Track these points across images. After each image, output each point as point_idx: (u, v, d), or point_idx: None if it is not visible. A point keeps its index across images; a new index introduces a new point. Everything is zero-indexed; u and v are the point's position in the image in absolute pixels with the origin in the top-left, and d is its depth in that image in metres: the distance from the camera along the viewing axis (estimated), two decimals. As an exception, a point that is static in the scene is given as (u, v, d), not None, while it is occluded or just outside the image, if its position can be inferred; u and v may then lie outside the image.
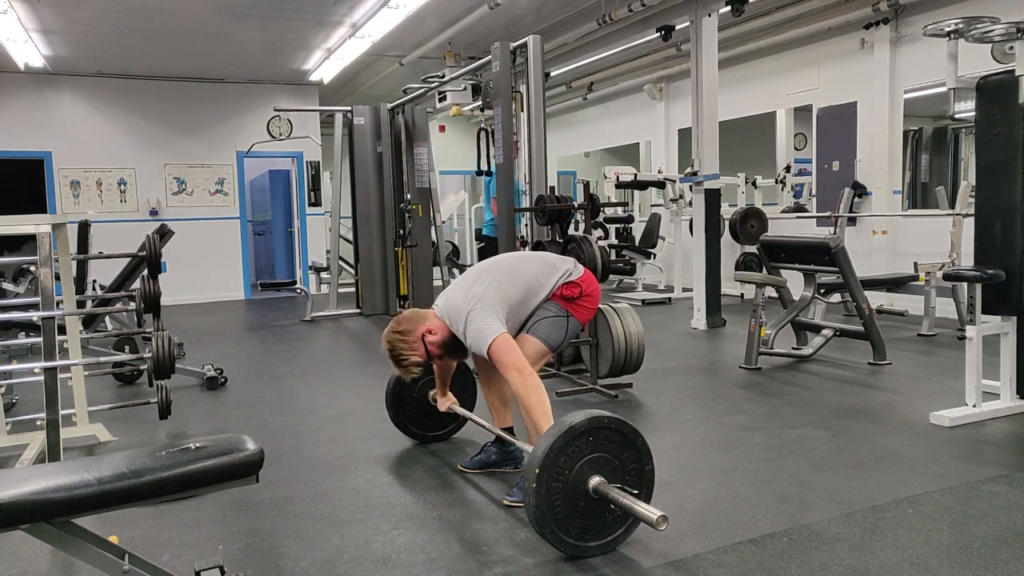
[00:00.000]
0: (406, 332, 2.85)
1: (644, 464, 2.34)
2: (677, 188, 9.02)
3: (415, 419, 3.52)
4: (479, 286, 2.84)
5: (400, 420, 3.52)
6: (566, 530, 2.23)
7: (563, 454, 2.19)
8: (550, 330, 2.89)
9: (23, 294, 6.38)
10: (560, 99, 11.99)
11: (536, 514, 2.19)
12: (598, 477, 2.24)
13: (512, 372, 2.58)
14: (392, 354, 2.86)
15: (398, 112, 8.34)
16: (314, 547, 2.47)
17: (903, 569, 2.19)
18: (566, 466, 2.21)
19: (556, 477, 2.20)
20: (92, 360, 3.96)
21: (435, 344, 2.86)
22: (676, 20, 6.95)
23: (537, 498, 2.17)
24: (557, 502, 2.20)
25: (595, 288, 3.01)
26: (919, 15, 6.83)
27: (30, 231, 2.98)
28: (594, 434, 2.24)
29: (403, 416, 3.51)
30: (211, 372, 4.93)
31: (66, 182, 9.71)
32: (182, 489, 1.63)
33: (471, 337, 2.74)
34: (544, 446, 2.19)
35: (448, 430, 3.60)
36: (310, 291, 8.87)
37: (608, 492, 2.20)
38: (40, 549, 2.44)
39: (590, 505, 2.25)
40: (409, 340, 2.85)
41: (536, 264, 3.02)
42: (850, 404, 4.03)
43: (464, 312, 2.76)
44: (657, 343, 5.66)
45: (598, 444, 2.25)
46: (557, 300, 2.92)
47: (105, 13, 7.09)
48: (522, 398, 2.56)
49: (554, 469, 2.18)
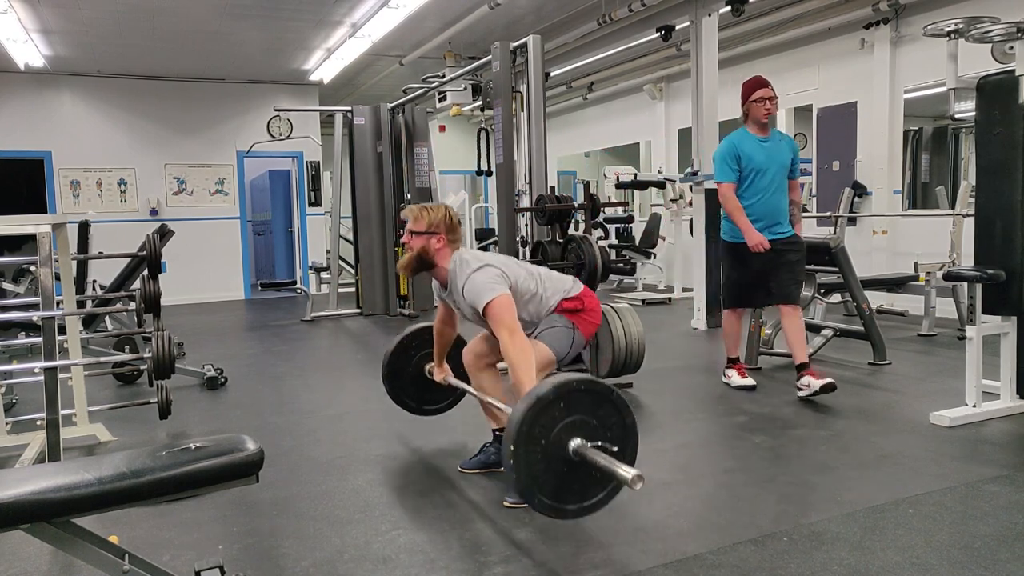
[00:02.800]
0: (433, 221, 2.87)
1: (624, 418, 2.29)
2: (677, 188, 9.02)
3: (411, 392, 3.50)
4: (495, 259, 2.88)
5: (395, 392, 3.49)
6: (557, 496, 2.21)
7: (536, 424, 2.16)
8: (557, 339, 2.91)
9: (23, 294, 6.38)
10: (560, 99, 11.99)
11: (522, 486, 2.18)
12: (578, 440, 2.20)
13: (504, 331, 2.62)
14: (411, 214, 2.90)
15: (398, 112, 8.34)
16: (314, 547, 2.47)
17: (903, 569, 2.19)
18: (542, 435, 2.17)
19: (534, 448, 2.16)
20: (92, 360, 3.96)
21: (424, 249, 2.86)
22: (676, 20, 6.95)
23: (518, 471, 2.15)
24: (539, 471, 2.17)
25: (596, 303, 3.04)
26: (919, 15, 6.83)
27: (30, 231, 2.98)
28: (565, 399, 2.20)
29: (398, 388, 3.48)
30: (211, 372, 4.93)
31: (66, 182, 9.71)
32: (182, 489, 1.63)
33: (470, 292, 2.73)
34: (516, 420, 2.16)
35: (443, 405, 3.59)
36: (310, 291, 8.87)
37: (586, 454, 2.17)
38: (40, 549, 2.44)
39: (574, 469, 2.22)
40: (429, 221, 2.86)
41: (542, 272, 3.05)
42: (850, 404, 4.03)
43: (472, 268, 2.77)
44: (657, 343, 5.66)
45: (571, 408, 2.21)
46: (561, 313, 2.94)
47: (105, 13, 7.09)
48: (510, 356, 2.59)
49: (529, 441, 2.15)
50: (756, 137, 4.27)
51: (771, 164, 4.22)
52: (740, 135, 4.32)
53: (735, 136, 4.34)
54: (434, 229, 2.87)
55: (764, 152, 4.23)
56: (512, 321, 2.65)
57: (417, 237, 2.89)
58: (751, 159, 4.21)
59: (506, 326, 2.63)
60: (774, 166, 4.23)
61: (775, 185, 4.23)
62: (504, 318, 2.65)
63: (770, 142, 4.28)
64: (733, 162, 4.24)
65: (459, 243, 2.96)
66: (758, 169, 4.21)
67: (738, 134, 4.34)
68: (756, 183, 4.22)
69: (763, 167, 4.20)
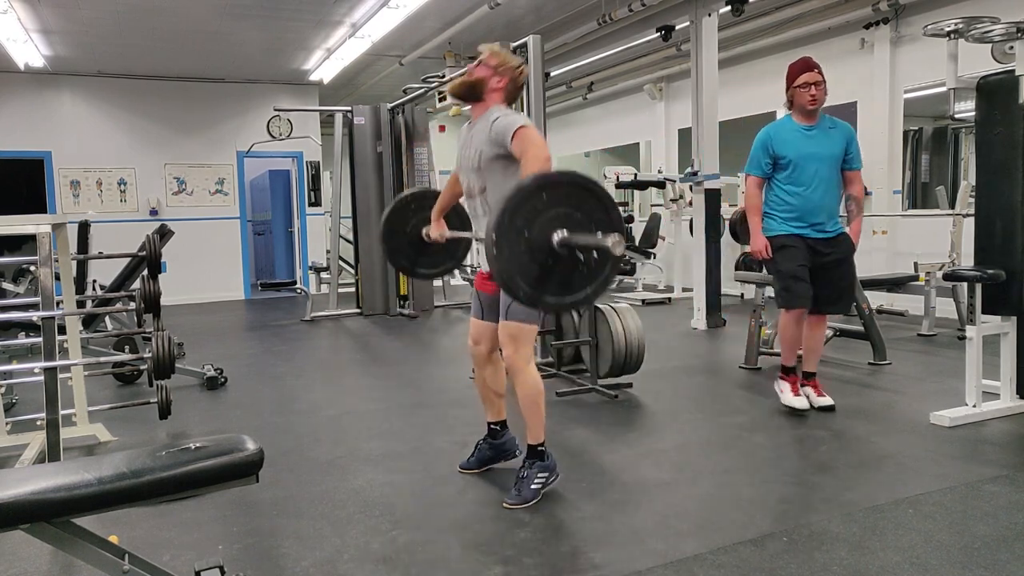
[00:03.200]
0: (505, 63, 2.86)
1: (610, 211, 2.28)
2: (677, 188, 9.02)
3: (407, 252, 3.45)
4: None
5: (392, 251, 3.45)
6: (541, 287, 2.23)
7: (518, 215, 2.16)
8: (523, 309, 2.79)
9: (23, 294, 6.38)
10: (560, 99, 11.99)
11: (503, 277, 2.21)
12: (562, 232, 2.19)
13: (533, 162, 2.55)
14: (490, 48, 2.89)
15: (398, 112, 8.34)
16: (314, 547, 2.47)
17: (903, 569, 2.19)
18: (524, 226, 2.17)
19: (516, 239, 2.17)
20: (92, 360, 3.96)
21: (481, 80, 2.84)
22: (676, 20, 6.95)
23: (499, 262, 2.17)
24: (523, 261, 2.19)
25: None
26: (919, 15, 6.83)
27: (30, 231, 2.98)
28: (547, 191, 2.20)
29: (395, 247, 3.43)
30: (211, 372, 4.93)
31: (66, 182, 9.71)
32: (182, 489, 1.63)
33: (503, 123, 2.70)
34: (497, 211, 2.16)
35: (438, 270, 3.60)
36: (310, 291, 8.87)
37: (571, 240, 2.18)
38: (40, 549, 2.44)
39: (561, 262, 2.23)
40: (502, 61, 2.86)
41: None
42: (850, 404, 4.03)
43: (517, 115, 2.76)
44: (657, 343, 5.66)
45: (554, 200, 2.21)
46: None
47: (105, 13, 7.09)
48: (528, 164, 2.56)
49: (511, 231, 2.16)
50: (799, 126, 3.88)
51: (815, 155, 3.80)
52: (779, 124, 3.98)
53: (774, 125, 4.01)
54: (502, 72, 2.86)
55: (807, 142, 3.83)
56: (542, 151, 2.58)
57: (483, 67, 2.88)
58: (786, 150, 3.83)
59: (537, 158, 2.55)
60: (819, 157, 3.81)
61: (820, 179, 3.81)
62: (535, 139, 2.62)
63: (816, 131, 3.86)
64: (763, 153, 3.91)
65: (513, 103, 2.94)
66: (796, 161, 3.81)
67: (778, 123, 4.01)
68: (796, 176, 3.82)
69: (802, 159, 3.80)
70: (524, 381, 2.79)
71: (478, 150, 2.81)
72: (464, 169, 2.93)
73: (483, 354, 3.05)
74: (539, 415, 2.82)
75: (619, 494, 2.85)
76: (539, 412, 2.82)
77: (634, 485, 2.95)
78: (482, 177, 2.82)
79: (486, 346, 3.02)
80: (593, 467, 3.19)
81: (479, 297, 3.01)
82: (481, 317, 3.01)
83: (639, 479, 3.02)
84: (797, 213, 3.84)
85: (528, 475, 2.80)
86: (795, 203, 3.84)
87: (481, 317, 3.01)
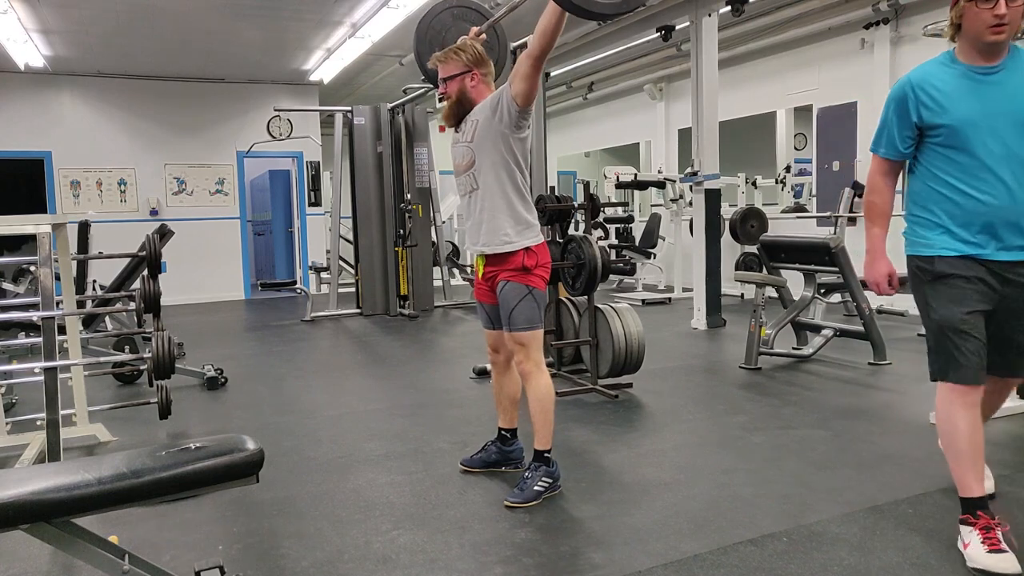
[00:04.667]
0: (462, 61, 2.83)
1: None
2: (677, 188, 9.03)
3: None
4: None
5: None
6: None
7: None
8: (526, 313, 2.80)
9: (23, 294, 6.38)
10: (560, 99, 11.99)
11: None
12: None
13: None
14: (438, 61, 2.87)
15: (398, 112, 8.34)
16: (314, 547, 2.47)
17: (903, 569, 2.19)
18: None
19: None
20: (92, 360, 3.96)
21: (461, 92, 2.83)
22: (676, 20, 6.95)
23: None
24: None
25: (548, 258, 2.91)
26: (919, 15, 6.83)
27: (30, 231, 2.98)
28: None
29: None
30: (211, 372, 4.93)
31: (66, 182, 9.71)
32: (182, 489, 1.63)
33: (496, 92, 2.74)
34: None
35: None
36: (310, 291, 8.87)
37: None
38: (40, 549, 2.44)
39: None
40: (458, 61, 2.83)
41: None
42: (850, 404, 4.03)
43: None
44: (657, 343, 5.66)
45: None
46: (514, 279, 2.80)
47: (105, 13, 7.09)
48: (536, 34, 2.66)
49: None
50: (971, 68, 2.27)
51: (1002, 115, 2.22)
52: (932, 66, 2.35)
53: (921, 68, 2.37)
54: (465, 68, 2.82)
55: (987, 94, 2.24)
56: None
57: (452, 82, 2.83)
58: (947, 107, 2.26)
59: None
60: (1010, 118, 2.22)
61: (1013, 157, 2.22)
62: None
63: (1003, 74, 2.25)
64: (901, 118, 2.35)
65: (492, 75, 2.91)
66: (966, 126, 2.24)
67: (929, 64, 2.36)
68: (966, 153, 2.25)
69: (978, 124, 2.22)
70: (536, 386, 2.82)
71: (475, 121, 2.80)
72: (457, 143, 2.90)
73: (502, 362, 3.07)
74: (548, 422, 2.84)
75: (619, 494, 2.85)
76: (549, 419, 2.84)
77: (634, 485, 2.95)
78: (472, 151, 2.80)
79: (504, 354, 3.04)
80: (593, 467, 3.19)
81: (483, 308, 3.03)
82: (491, 327, 3.03)
83: (639, 479, 3.02)
84: (968, 218, 2.30)
85: (533, 476, 2.81)
86: (967, 201, 2.29)
87: (491, 327, 3.03)
